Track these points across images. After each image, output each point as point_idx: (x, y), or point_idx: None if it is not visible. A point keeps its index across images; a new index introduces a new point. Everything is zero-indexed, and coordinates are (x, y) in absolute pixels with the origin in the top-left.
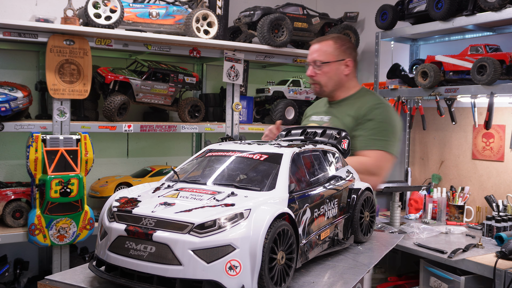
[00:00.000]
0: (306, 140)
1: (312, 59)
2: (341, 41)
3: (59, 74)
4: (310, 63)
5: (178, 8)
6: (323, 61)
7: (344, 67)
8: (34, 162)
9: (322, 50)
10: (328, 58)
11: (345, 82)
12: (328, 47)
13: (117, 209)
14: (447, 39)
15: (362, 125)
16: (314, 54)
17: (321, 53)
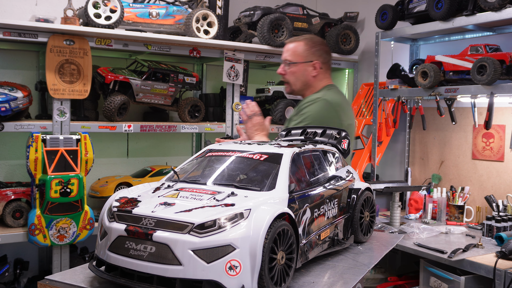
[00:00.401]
0: (306, 140)
1: (283, 58)
2: (312, 43)
3: (59, 74)
4: (281, 62)
5: (178, 8)
6: (292, 61)
7: (311, 69)
8: (34, 162)
9: (292, 50)
10: (296, 59)
11: (312, 82)
12: (298, 48)
13: (117, 209)
14: (447, 39)
15: (294, 115)
16: (285, 54)
17: (291, 53)
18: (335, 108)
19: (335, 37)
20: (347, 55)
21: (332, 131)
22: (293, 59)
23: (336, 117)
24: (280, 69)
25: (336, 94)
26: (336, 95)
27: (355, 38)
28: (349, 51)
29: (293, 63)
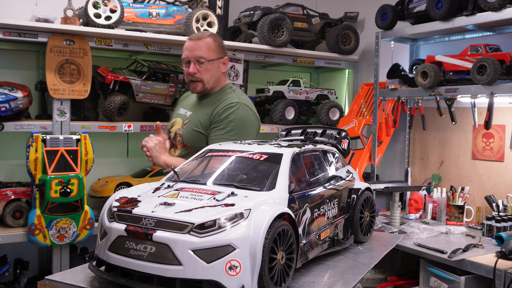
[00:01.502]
0: (306, 140)
1: (194, 56)
2: (218, 39)
3: (59, 74)
4: (191, 60)
5: (178, 8)
6: (209, 58)
7: (222, 65)
8: (34, 162)
9: (206, 47)
10: (211, 56)
11: (220, 80)
12: (210, 44)
13: (117, 209)
14: (447, 39)
15: (216, 123)
16: (197, 51)
17: (205, 50)
18: (254, 112)
19: (335, 37)
20: (347, 55)
21: (332, 131)
22: (208, 56)
23: (256, 122)
24: (191, 68)
25: (245, 95)
26: (246, 97)
27: (355, 38)
28: (349, 51)
29: (209, 60)
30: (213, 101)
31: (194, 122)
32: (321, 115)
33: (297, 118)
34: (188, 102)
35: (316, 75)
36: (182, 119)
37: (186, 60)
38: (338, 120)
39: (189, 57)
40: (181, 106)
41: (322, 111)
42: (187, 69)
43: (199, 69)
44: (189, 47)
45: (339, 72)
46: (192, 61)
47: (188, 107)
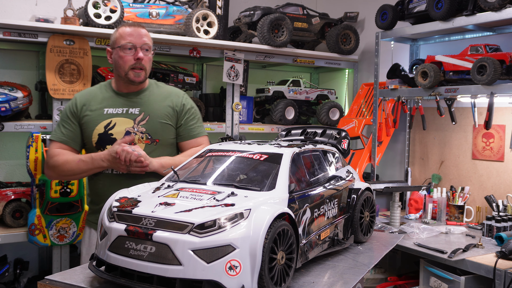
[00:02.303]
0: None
1: (142, 42)
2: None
3: (59, 74)
4: (137, 46)
5: (178, 8)
6: (150, 47)
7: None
8: (34, 162)
9: (147, 36)
10: (151, 44)
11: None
12: (147, 33)
13: (117, 209)
14: (447, 39)
15: (187, 114)
16: (144, 38)
17: (148, 38)
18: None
19: (335, 37)
20: (347, 55)
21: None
22: (151, 45)
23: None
24: (140, 53)
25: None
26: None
27: (355, 38)
28: (349, 51)
29: (151, 49)
30: (160, 93)
31: (158, 116)
32: (321, 115)
33: (297, 118)
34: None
35: (316, 75)
36: (128, 117)
37: (129, 46)
38: (338, 120)
39: (135, 42)
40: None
41: (322, 111)
42: (129, 55)
43: (145, 57)
44: (134, 33)
45: (339, 72)
46: (138, 47)
47: (121, 105)
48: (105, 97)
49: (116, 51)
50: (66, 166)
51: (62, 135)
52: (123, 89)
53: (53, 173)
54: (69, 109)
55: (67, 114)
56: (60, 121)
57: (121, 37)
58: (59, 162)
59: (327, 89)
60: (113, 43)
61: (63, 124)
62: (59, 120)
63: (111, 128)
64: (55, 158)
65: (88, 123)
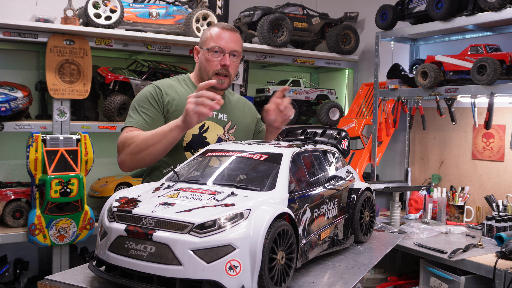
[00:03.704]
0: (306, 140)
1: (231, 48)
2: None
3: (59, 74)
4: (225, 51)
5: (178, 8)
6: (240, 53)
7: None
8: (34, 162)
9: (239, 41)
10: (241, 50)
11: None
12: (240, 38)
13: (117, 209)
14: (447, 39)
15: (259, 124)
16: (234, 44)
17: (238, 44)
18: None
19: (335, 37)
20: (347, 55)
21: (332, 131)
22: (240, 50)
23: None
24: (227, 60)
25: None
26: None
27: (355, 38)
28: (349, 51)
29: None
30: (238, 101)
31: (243, 126)
32: (321, 115)
33: (297, 118)
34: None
35: (316, 75)
36: (218, 123)
37: (218, 49)
38: (338, 120)
39: (225, 47)
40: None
41: (322, 111)
42: (217, 59)
43: (232, 63)
44: (226, 37)
45: (339, 72)
46: (226, 53)
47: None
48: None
49: (204, 52)
50: (139, 138)
51: (143, 121)
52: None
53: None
54: (152, 96)
55: (148, 100)
56: (137, 107)
57: (211, 39)
58: (132, 138)
59: (327, 89)
60: (202, 43)
61: (142, 110)
62: (135, 106)
63: (205, 131)
64: (128, 137)
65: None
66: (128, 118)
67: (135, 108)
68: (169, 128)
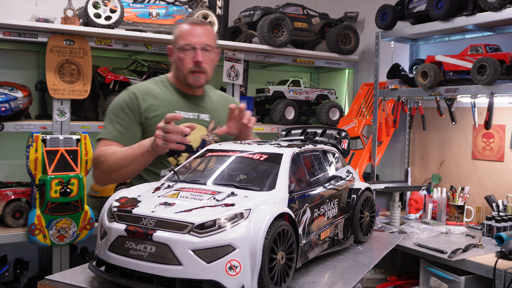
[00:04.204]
0: (306, 140)
1: (202, 43)
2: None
3: (59, 74)
4: (196, 47)
5: (178, 8)
6: (214, 47)
7: (216, 56)
8: (34, 162)
9: (210, 34)
10: (215, 44)
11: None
12: (213, 32)
13: (117, 209)
14: (447, 39)
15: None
16: (205, 38)
17: (210, 37)
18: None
19: (335, 37)
20: (347, 55)
21: (332, 131)
22: (214, 44)
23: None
24: (199, 56)
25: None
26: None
27: (355, 38)
28: (349, 51)
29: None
30: (219, 98)
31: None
32: (321, 115)
33: (297, 118)
34: (180, 105)
35: (316, 75)
36: (200, 123)
37: (189, 47)
38: (338, 120)
39: (195, 43)
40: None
41: (322, 111)
42: (188, 56)
43: (205, 58)
44: (196, 33)
45: (339, 72)
46: (197, 48)
47: (191, 109)
48: (171, 98)
49: (176, 51)
50: (112, 158)
51: (117, 133)
52: (187, 90)
53: (98, 172)
54: (126, 104)
55: (122, 109)
56: (113, 117)
57: (181, 37)
58: (106, 156)
59: (327, 89)
60: (174, 42)
61: (117, 120)
62: (110, 116)
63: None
64: (102, 153)
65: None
66: (103, 128)
67: (110, 117)
68: (141, 152)
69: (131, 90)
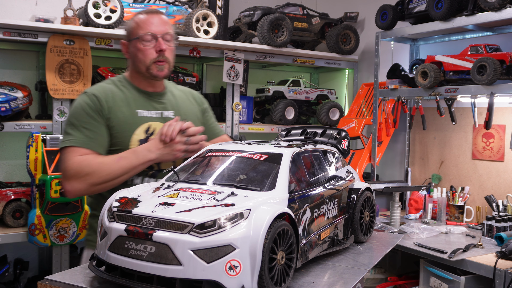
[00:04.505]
0: (306, 140)
1: (163, 32)
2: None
3: (59, 74)
4: (158, 36)
5: (178, 8)
6: (173, 36)
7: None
8: (34, 162)
9: (168, 23)
10: (173, 33)
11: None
12: (168, 20)
13: (117, 209)
14: (447, 39)
15: (208, 112)
16: (165, 26)
17: (168, 26)
18: None
19: (335, 37)
20: (347, 55)
21: (332, 131)
22: (173, 33)
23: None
24: (162, 44)
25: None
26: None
27: (355, 38)
28: (349, 51)
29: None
30: (182, 92)
31: (191, 119)
32: (321, 115)
33: (297, 118)
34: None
35: (316, 75)
36: (164, 121)
37: (149, 37)
38: (338, 120)
39: (156, 32)
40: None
41: (322, 111)
42: (150, 47)
43: (167, 47)
44: (155, 22)
45: (339, 72)
46: (159, 37)
47: (153, 107)
48: (130, 97)
49: (134, 43)
50: (104, 169)
51: (86, 139)
52: (147, 87)
53: (83, 184)
54: (90, 108)
55: (88, 113)
56: (77, 123)
57: (139, 27)
58: (93, 167)
59: (327, 89)
60: (130, 34)
61: (84, 126)
62: (73, 122)
63: (151, 134)
64: (84, 164)
65: (122, 126)
66: (67, 136)
67: (73, 124)
68: (141, 162)
69: (91, 93)
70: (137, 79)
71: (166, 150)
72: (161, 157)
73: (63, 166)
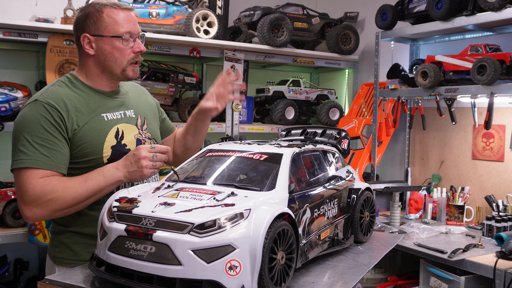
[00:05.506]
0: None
1: (139, 31)
2: None
3: (59, 74)
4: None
5: (178, 8)
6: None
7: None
8: None
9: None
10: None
11: None
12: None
13: (117, 209)
14: (447, 39)
15: (159, 108)
16: (137, 25)
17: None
18: None
19: (335, 37)
20: (347, 55)
21: (332, 131)
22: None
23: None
24: (141, 45)
25: None
26: None
27: (355, 38)
28: (349, 51)
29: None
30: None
31: (150, 116)
32: (321, 115)
33: (297, 118)
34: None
35: (316, 75)
36: (129, 122)
37: (131, 36)
38: (338, 120)
39: (135, 31)
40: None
41: (322, 111)
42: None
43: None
44: (130, 19)
45: (339, 72)
46: (136, 37)
47: (114, 108)
48: (90, 100)
49: (109, 40)
50: (69, 194)
51: (45, 158)
52: (105, 86)
53: (45, 210)
54: (48, 119)
55: (44, 127)
56: (31, 139)
57: (116, 24)
58: (57, 192)
59: (327, 89)
60: (102, 29)
61: (40, 142)
62: (26, 137)
63: (122, 138)
64: (47, 189)
65: (91, 135)
66: (21, 154)
67: (26, 139)
68: (109, 183)
69: (46, 101)
70: (96, 79)
71: (134, 167)
72: (129, 176)
73: (21, 190)
